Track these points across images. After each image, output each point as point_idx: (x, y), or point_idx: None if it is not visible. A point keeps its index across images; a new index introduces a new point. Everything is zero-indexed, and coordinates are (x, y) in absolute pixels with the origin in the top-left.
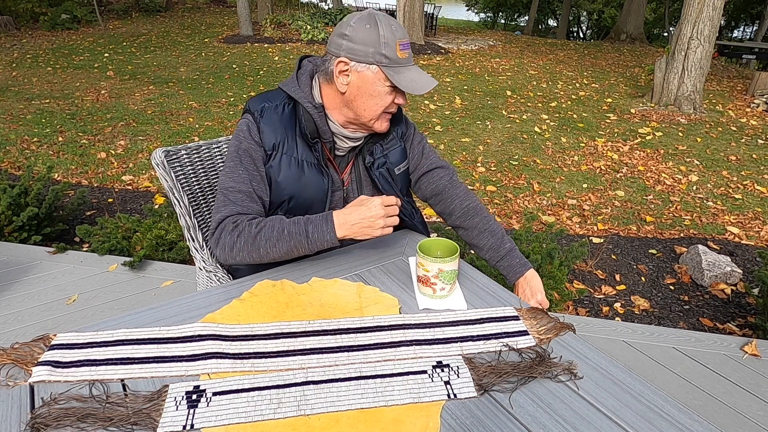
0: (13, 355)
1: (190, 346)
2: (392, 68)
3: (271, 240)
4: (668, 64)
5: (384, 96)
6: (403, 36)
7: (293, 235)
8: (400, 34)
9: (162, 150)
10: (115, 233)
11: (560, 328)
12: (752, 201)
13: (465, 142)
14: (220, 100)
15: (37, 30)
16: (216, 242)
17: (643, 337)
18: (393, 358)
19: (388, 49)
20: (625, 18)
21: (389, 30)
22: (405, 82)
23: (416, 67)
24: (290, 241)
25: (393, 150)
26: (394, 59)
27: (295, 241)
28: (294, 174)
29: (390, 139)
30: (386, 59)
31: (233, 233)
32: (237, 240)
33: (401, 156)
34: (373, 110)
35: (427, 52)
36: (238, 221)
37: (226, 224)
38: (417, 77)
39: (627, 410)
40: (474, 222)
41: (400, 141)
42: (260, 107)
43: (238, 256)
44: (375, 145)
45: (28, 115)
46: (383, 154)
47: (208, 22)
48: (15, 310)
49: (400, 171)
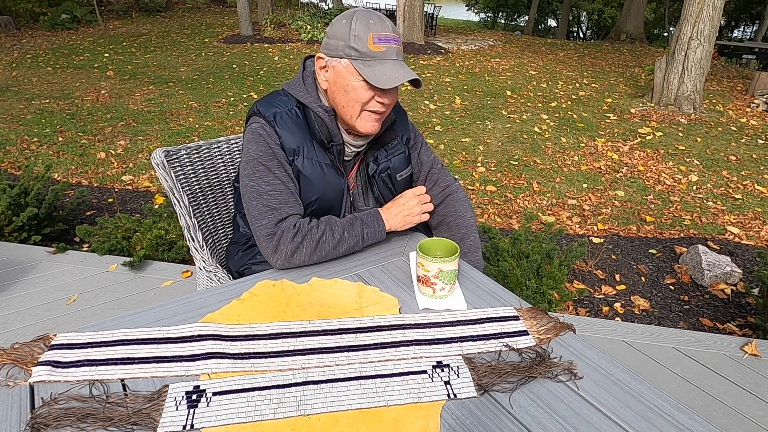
0: (13, 355)
1: (190, 346)
2: (362, 61)
3: (332, 243)
4: (668, 64)
5: (360, 91)
6: (383, 30)
7: (352, 237)
8: (379, 28)
9: (162, 150)
10: (115, 233)
11: (560, 328)
12: (752, 201)
13: (465, 142)
14: (220, 100)
15: (37, 30)
16: (274, 249)
17: (643, 337)
18: (393, 358)
19: (359, 42)
20: (625, 18)
21: (363, 24)
22: (374, 75)
23: (396, 62)
24: (350, 242)
25: (397, 156)
26: (364, 52)
27: (353, 242)
28: (318, 176)
29: (394, 145)
30: (356, 52)
31: (295, 239)
32: (300, 245)
33: (405, 162)
34: (351, 106)
35: (427, 52)
36: (298, 226)
37: (286, 230)
38: (390, 71)
39: (627, 410)
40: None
41: (405, 147)
42: (272, 113)
43: (298, 261)
44: (379, 150)
45: (28, 115)
46: (387, 159)
47: (208, 22)
48: (15, 310)
49: (402, 177)
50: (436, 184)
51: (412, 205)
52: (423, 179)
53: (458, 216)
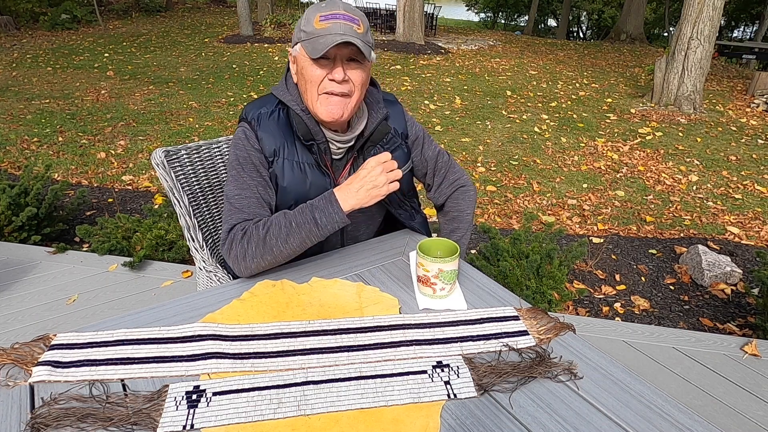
0: (13, 355)
1: (190, 346)
2: (309, 41)
3: (281, 237)
4: (668, 64)
5: (309, 70)
6: (331, 9)
7: (302, 226)
8: (327, 8)
9: (162, 150)
10: (115, 233)
11: (560, 328)
12: (752, 201)
13: (465, 142)
14: (220, 100)
15: (37, 30)
16: (228, 254)
17: (643, 337)
18: (393, 358)
19: (307, 24)
20: (625, 18)
21: (314, 8)
22: (312, 48)
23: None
24: (300, 233)
25: (394, 151)
26: (311, 32)
27: (306, 231)
28: (298, 177)
29: (390, 139)
30: (304, 33)
31: (243, 240)
32: (248, 246)
33: (404, 158)
34: (309, 91)
35: (427, 52)
36: (247, 228)
37: (235, 233)
38: (329, 39)
39: (627, 410)
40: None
41: (403, 142)
42: (256, 114)
43: (252, 264)
44: (374, 147)
45: (28, 115)
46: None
47: (208, 22)
48: (15, 310)
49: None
50: (445, 179)
51: (375, 175)
52: (431, 176)
53: (458, 210)
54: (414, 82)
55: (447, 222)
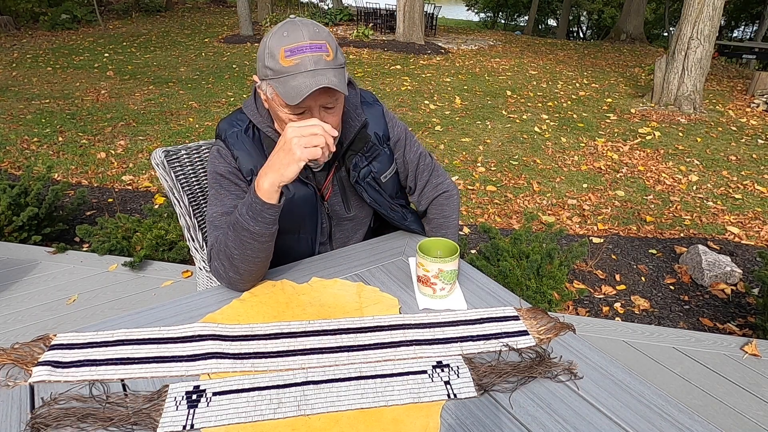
0: (13, 355)
1: (190, 346)
2: (278, 80)
3: (237, 245)
4: (668, 64)
5: (286, 116)
6: (295, 40)
7: (239, 222)
8: (291, 39)
9: (162, 150)
10: (115, 233)
11: (560, 328)
12: (752, 201)
13: (465, 142)
14: (220, 100)
15: (37, 30)
16: (214, 274)
17: (643, 337)
18: (393, 358)
19: (271, 60)
20: (625, 18)
21: (277, 38)
22: (286, 92)
23: (309, 72)
24: (243, 234)
25: (377, 157)
26: (278, 69)
27: (247, 231)
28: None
29: (370, 147)
30: (271, 71)
31: (217, 257)
32: (222, 262)
33: (387, 162)
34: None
35: (427, 52)
36: (215, 243)
37: (211, 251)
38: (302, 81)
39: (627, 410)
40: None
41: (384, 145)
42: (232, 132)
43: (234, 277)
44: (355, 156)
45: (28, 115)
46: (368, 163)
47: (208, 22)
48: (15, 310)
49: (387, 178)
50: (429, 183)
51: (288, 148)
52: (413, 179)
53: (444, 216)
54: (414, 82)
55: (433, 230)
